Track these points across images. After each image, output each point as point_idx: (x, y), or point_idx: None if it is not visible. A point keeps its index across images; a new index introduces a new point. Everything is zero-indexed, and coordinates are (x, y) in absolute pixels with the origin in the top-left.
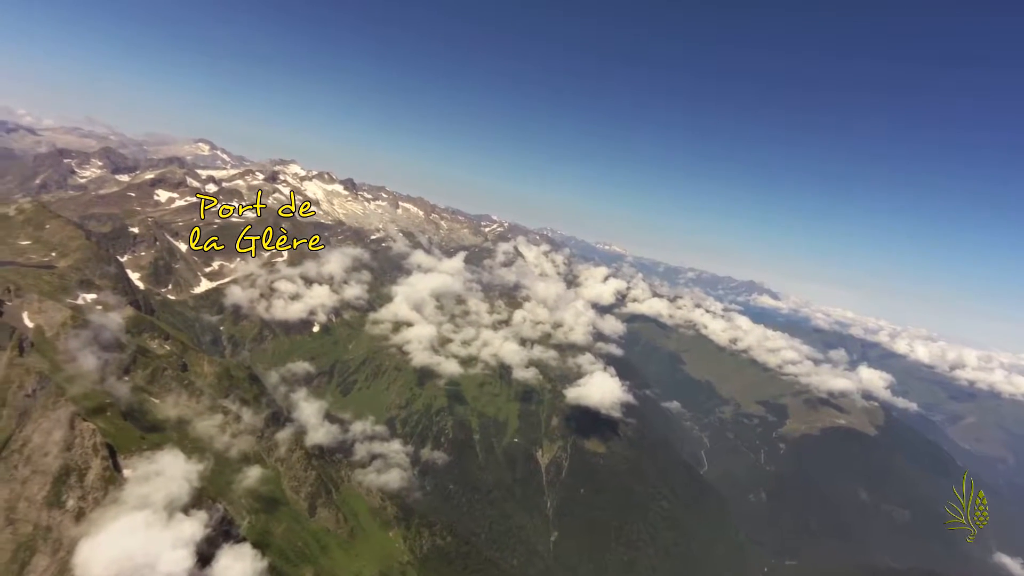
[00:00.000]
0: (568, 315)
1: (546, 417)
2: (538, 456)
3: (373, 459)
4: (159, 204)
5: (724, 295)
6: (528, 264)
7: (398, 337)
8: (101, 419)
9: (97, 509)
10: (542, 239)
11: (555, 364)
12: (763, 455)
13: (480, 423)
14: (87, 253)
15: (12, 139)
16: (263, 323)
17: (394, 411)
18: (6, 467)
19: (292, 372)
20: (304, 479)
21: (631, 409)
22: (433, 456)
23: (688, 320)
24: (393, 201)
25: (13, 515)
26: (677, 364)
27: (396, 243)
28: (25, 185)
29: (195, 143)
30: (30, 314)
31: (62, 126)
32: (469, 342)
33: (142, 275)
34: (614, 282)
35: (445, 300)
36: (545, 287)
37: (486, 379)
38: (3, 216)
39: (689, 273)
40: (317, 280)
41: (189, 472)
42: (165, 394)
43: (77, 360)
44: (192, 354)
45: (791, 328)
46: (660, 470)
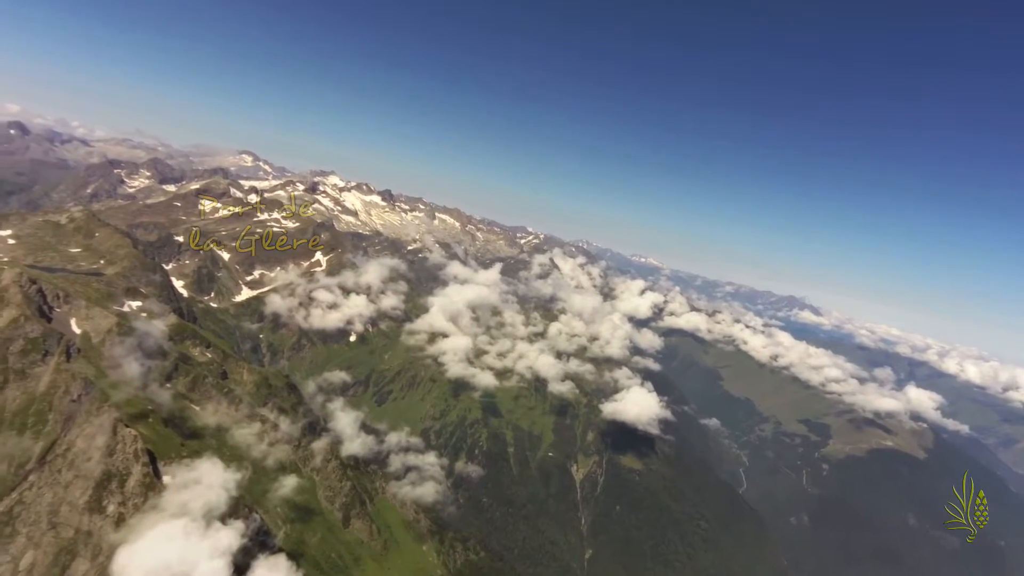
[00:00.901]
0: (604, 328)
1: (581, 432)
2: (573, 471)
3: (408, 471)
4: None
5: (763, 310)
6: (564, 276)
7: (433, 348)
8: (143, 425)
9: (136, 515)
10: (578, 251)
11: (591, 378)
12: (805, 476)
13: (514, 436)
14: (134, 261)
15: (66, 150)
16: (301, 332)
17: (428, 422)
18: (51, 471)
19: (329, 381)
20: (339, 489)
21: (668, 425)
22: (467, 469)
23: (727, 335)
24: (430, 212)
25: (56, 519)
26: (715, 380)
27: (432, 254)
28: (77, 194)
29: (239, 154)
30: (78, 320)
31: (113, 137)
32: (504, 354)
33: (186, 283)
34: (651, 295)
35: (481, 311)
36: (581, 300)
37: (521, 392)
38: (55, 224)
39: (727, 287)
40: (355, 290)
41: (227, 481)
42: (205, 401)
43: (121, 366)
44: (232, 362)
45: (834, 345)
46: (698, 489)
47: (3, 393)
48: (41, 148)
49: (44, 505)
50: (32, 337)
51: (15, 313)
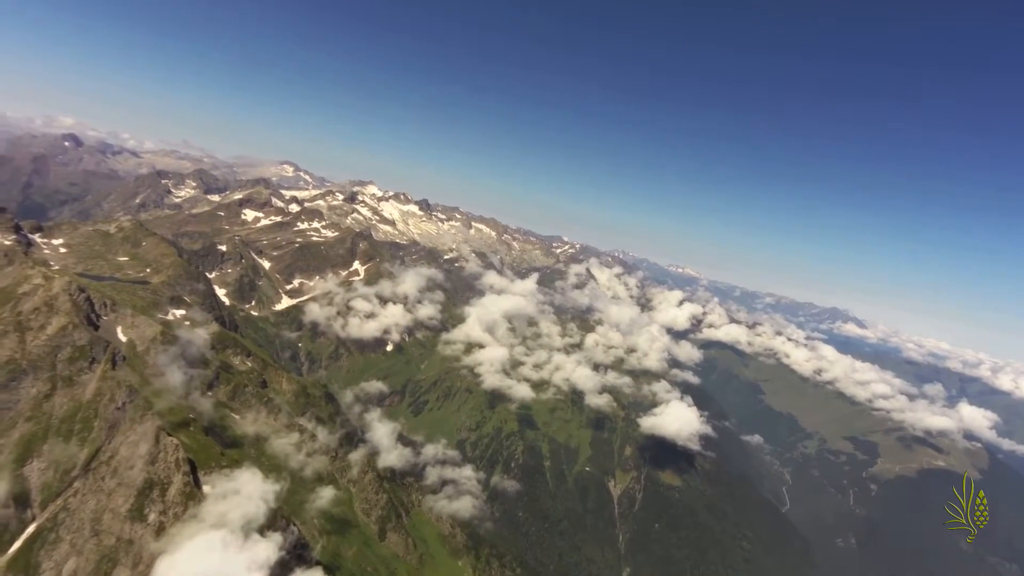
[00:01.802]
0: (642, 340)
1: (619, 446)
2: (610, 486)
3: (444, 485)
4: (246, 223)
5: (805, 322)
6: (600, 287)
7: (470, 358)
8: (184, 434)
9: (176, 524)
10: (614, 261)
11: (629, 391)
12: (852, 496)
13: (551, 449)
14: (179, 270)
15: (117, 161)
16: (339, 341)
17: (464, 433)
18: (95, 478)
19: (366, 391)
20: (375, 502)
21: (709, 441)
22: (503, 482)
23: (768, 348)
24: (466, 222)
25: (98, 526)
26: (756, 394)
27: (469, 263)
28: (126, 204)
29: (280, 165)
30: (123, 329)
31: (161, 149)
32: (541, 366)
33: (228, 291)
34: (689, 306)
35: (517, 322)
36: (618, 310)
37: (557, 404)
38: (104, 234)
39: (767, 298)
40: (392, 299)
41: (266, 492)
42: (245, 410)
43: (165, 375)
44: (272, 371)
45: (880, 359)
46: (739, 507)
47: (51, 400)
48: (94, 159)
49: (87, 512)
50: (80, 345)
51: (64, 321)
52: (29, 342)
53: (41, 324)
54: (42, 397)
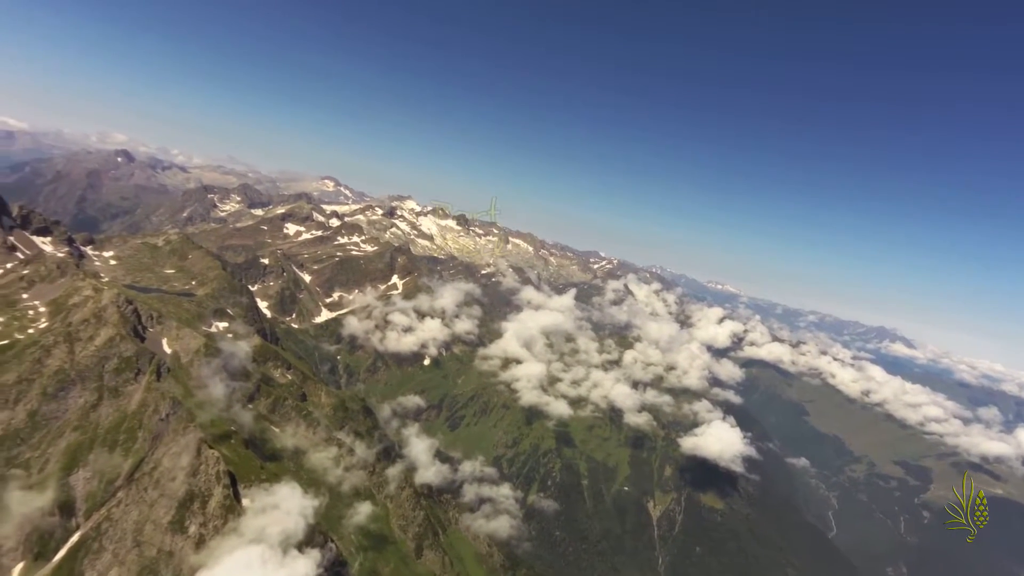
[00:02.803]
0: (681, 358)
1: (658, 466)
2: (649, 507)
3: (482, 503)
4: (287, 237)
5: (851, 341)
6: (638, 303)
7: (507, 374)
8: (225, 446)
9: (216, 537)
10: (652, 277)
11: (669, 410)
12: (903, 523)
13: (589, 468)
14: (223, 283)
15: (166, 176)
16: (377, 354)
17: (501, 450)
18: (137, 489)
19: (403, 406)
20: (412, 518)
21: (753, 464)
22: (540, 500)
23: (813, 368)
24: (503, 236)
25: (140, 537)
26: (800, 415)
27: (506, 278)
28: (174, 217)
29: (321, 180)
30: (168, 341)
31: (208, 164)
32: (579, 382)
33: (269, 304)
34: (730, 324)
35: (555, 338)
36: (657, 327)
37: (595, 422)
38: (153, 246)
39: (810, 316)
40: (430, 314)
41: (305, 507)
42: (285, 423)
43: (207, 387)
44: (311, 384)
45: (930, 381)
46: (784, 533)
47: (97, 410)
48: (144, 174)
49: (130, 523)
50: (126, 356)
51: (112, 332)
52: (78, 353)
53: (90, 335)
54: (89, 407)
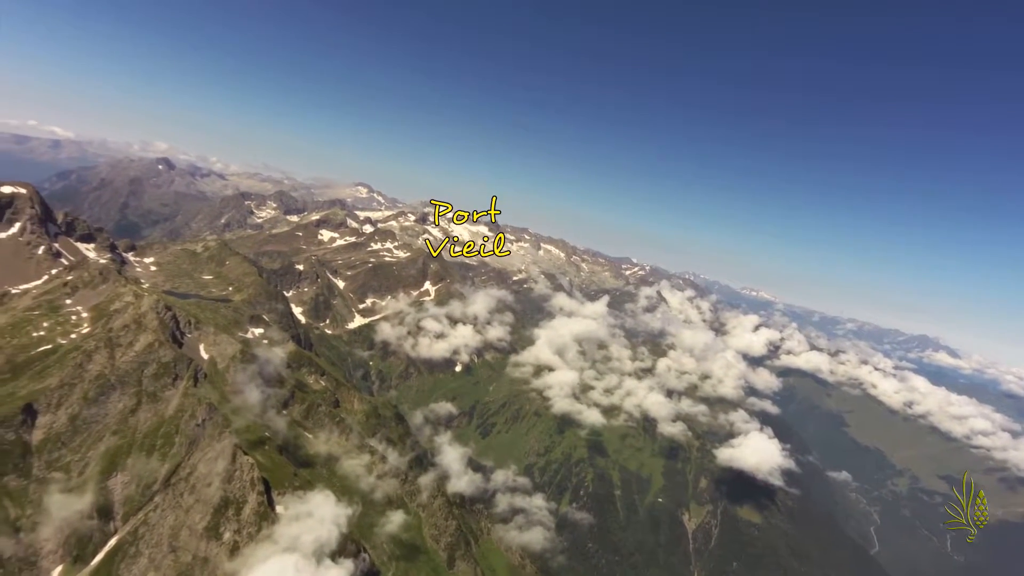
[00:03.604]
0: (716, 366)
1: (693, 477)
2: (684, 520)
3: (515, 514)
4: (322, 243)
5: (891, 350)
6: (671, 310)
7: (539, 381)
8: (260, 452)
9: (250, 544)
10: (685, 283)
11: (704, 420)
12: (949, 541)
13: (622, 478)
14: (259, 289)
15: (205, 183)
16: (409, 360)
17: (532, 458)
18: (174, 494)
19: (435, 413)
20: (444, 528)
21: (792, 476)
22: (572, 510)
23: (853, 378)
24: (535, 243)
25: (176, 542)
26: (839, 426)
27: (538, 285)
28: (212, 224)
29: (355, 186)
30: (206, 346)
31: (245, 171)
32: (611, 390)
33: (304, 309)
34: (765, 332)
35: (587, 345)
36: (692, 335)
37: (629, 431)
38: (192, 253)
39: (848, 324)
40: (462, 320)
41: (338, 516)
42: (318, 430)
43: (243, 392)
44: (344, 390)
45: (976, 392)
46: (824, 548)
47: (136, 415)
48: (184, 181)
49: (166, 528)
50: (164, 361)
51: (151, 338)
52: (118, 358)
53: (130, 341)
54: (128, 412)
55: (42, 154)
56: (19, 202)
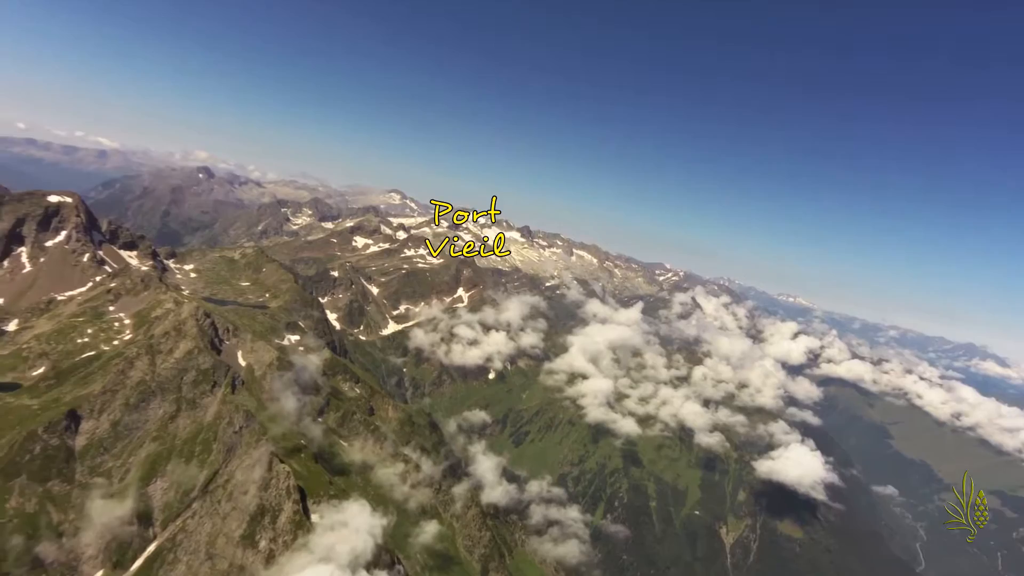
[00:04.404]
0: (754, 375)
1: (732, 490)
2: (722, 533)
3: (550, 526)
4: (356, 249)
5: (937, 359)
6: (707, 316)
7: (573, 389)
8: (295, 460)
9: (286, 553)
10: (720, 289)
11: (742, 430)
12: (1000, 559)
13: (657, 489)
14: (295, 295)
15: (243, 191)
16: (442, 367)
17: (566, 467)
18: (211, 501)
19: (469, 421)
20: (478, 539)
21: (835, 491)
22: (607, 523)
23: (897, 387)
24: (567, 248)
25: (213, 549)
26: (883, 438)
27: (570, 291)
28: (250, 231)
29: (388, 193)
30: (243, 353)
31: (282, 179)
32: (646, 399)
33: (338, 316)
34: (804, 339)
35: (621, 353)
36: (728, 342)
37: (664, 441)
38: (230, 260)
39: (891, 331)
40: (495, 327)
41: (373, 526)
42: (353, 438)
43: (279, 400)
44: (378, 398)
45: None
46: (868, 565)
47: (175, 421)
48: (223, 189)
49: (203, 535)
50: (203, 368)
51: (190, 345)
52: (159, 365)
53: (170, 348)
54: (168, 418)
55: (89, 164)
56: (65, 211)
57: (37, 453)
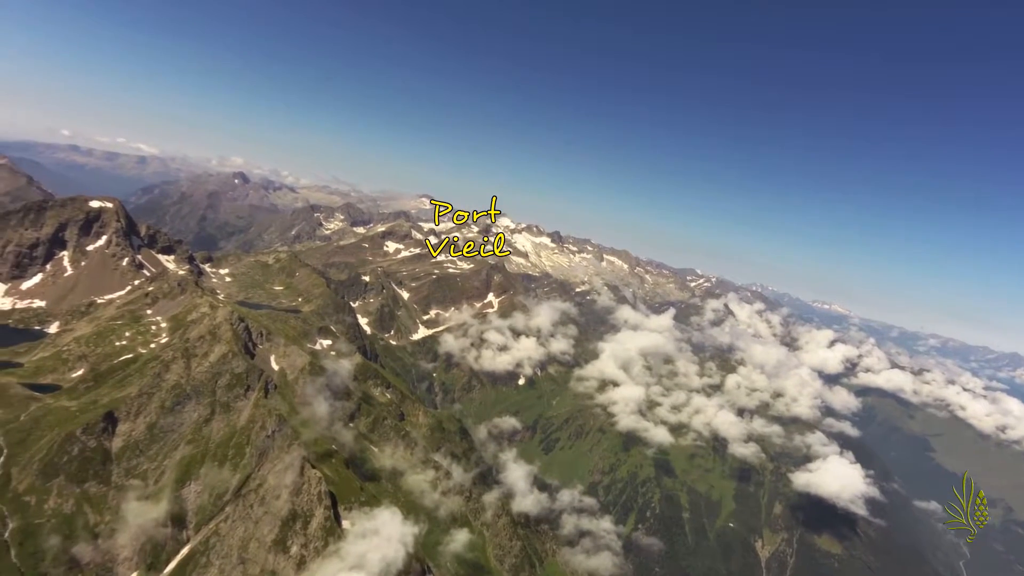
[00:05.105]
0: (790, 384)
1: (767, 502)
2: (757, 547)
3: (582, 536)
4: (387, 254)
5: (979, 369)
6: (740, 324)
7: (603, 397)
8: (327, 466)
9: (317, 560)
10: (753, 296)
11: (778, 441)
12: None
13: (690, 500)
14: (327, 300)
15: (277, 196)
16: (472, 373)
17: (597, 476)
18: (244, 505)
19: (499, 428)
20: (509, 549)
21: (876, 506)
22: (639, 535)
23: (939, 399)
24: (598, 254)
25: (245, 554)
26: (924, 451)
27: (601, 297)
28: (283, 235)
29: (418, 198)
30: (276, 358)
31: (315, 184)
32: (679, 408)
33: (369, 320)
34: (841, 348)
35: (653, 360)
36: (762, 350)
37: (697, 451)
38: (264, 264)
39: (931, 340)
40: (525, 332)
41: (405, 534)
42: (383, 443)
43: (311, 404)
44: (409, 403)
45: None
46: None
47: (209, 424)
48: (258, 195)
49: (236, 539)
50: (237, 372)
51: (225, 349)
52: (194, 368)
53: (205, 351)
54: (202, 421)
55: (129, 170)
56: (106, 216)
57: (75, 454)
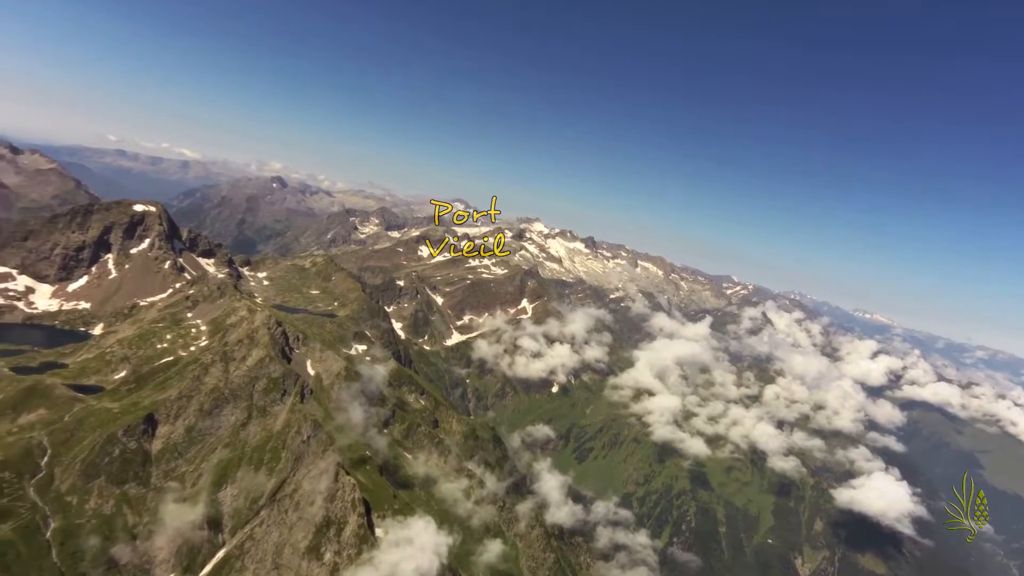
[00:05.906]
0: (831, 396)
1: (807, 518)
2: (797, 564)
3: (617, 550)
4: (421, 259)
5: None
6: (778, 333)
7: (638, 406)
8: (361, 472)
9: (350, 568)
10: (792, 304)
11: (820, 455)
12: None
13: (727, 514)
14: (362, 304)
15: (313, 200)
16: (505, 379)
17: (631, 487)
18: (279, 510)
19: (532, 436)
20: (542, 561)
21: (922, 525)
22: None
23: (988, 413)
24: (632, 260)
25: (279, 559)
26: (972, 468)
27: (635, 303)
28: (319, 240)
29: (452, 202)
30: (312, 362)
31: (350, 189)
32: (716, 419)
33: (403, 325)
34: (885, 359)
35: (689, 369)
36: (803, 361)
37: (735, 463)
38: (300, 268)
39: (978, 352)
40: (559, 339)
41: (439, 544)
42: (417, 450)
43: (346, 410)
44: (443, 410)
45: None
46: None
47: (246, 428)
48: (295, 199)
49: (270, 544)
50: (274, 377)
51: (262, 353)
52: (232, 372)
53: (243, 355)
54: (239, 425)
55: (172, 174)
56: (149, 219)
57: (116, 456)
